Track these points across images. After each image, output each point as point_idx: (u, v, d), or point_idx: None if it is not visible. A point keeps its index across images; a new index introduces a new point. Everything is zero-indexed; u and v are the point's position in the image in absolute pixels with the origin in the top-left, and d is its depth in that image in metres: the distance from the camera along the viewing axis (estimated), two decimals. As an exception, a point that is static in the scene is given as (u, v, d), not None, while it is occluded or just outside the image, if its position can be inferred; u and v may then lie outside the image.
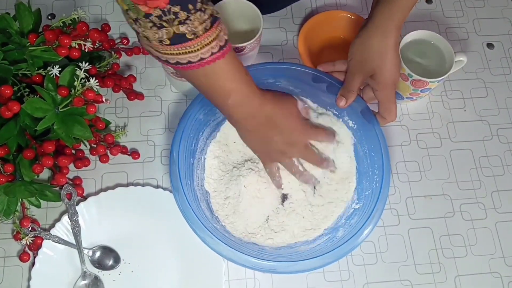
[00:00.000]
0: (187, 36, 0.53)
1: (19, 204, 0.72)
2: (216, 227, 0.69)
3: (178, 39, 0.53)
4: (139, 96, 0.83)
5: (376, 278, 0.73)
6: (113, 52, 0.82)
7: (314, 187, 0.74)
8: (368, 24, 0.69)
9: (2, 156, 0.69)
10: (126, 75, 0.83)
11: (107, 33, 0.79)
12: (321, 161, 0.73)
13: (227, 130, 0.77)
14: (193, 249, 0.69)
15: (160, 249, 0.73)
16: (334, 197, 0.74)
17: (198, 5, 0.52)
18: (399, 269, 0.74)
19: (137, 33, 0.55)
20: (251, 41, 0.77)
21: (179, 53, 0.55)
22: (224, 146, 0.77)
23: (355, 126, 0.75)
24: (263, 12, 0.80)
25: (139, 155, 0.79)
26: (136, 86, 0.84)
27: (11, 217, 0.71)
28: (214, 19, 0.55)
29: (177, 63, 0.56)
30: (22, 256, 0.71)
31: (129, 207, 0.74)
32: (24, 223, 0.71)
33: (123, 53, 0.84)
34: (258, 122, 0.66)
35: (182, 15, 0.51)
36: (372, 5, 0.72)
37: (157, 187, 0.76)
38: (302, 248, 0.70)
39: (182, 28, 0.52)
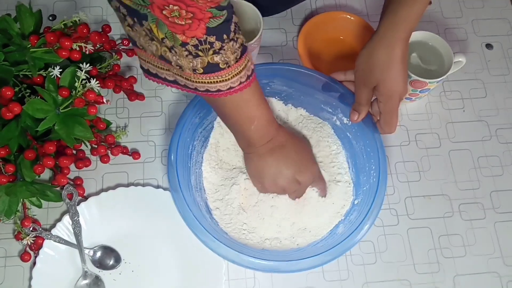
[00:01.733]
0: (220, 65, 0.54)
1: (20, 204, 0.73)
2: (216, 230, 0.69)
3: (211, 68, 0.54)
4: (140, 96, 0.83)
5: (375, 277, 0.73)
6: (114, 53, 0.82)
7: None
8: (374, 35, 0.68)
9: (3, 156, 0.70)
10: (127, 76, 0.84)
11: (108, 34, 0.80)
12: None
13: (217, 136, 0.77)
14: (194, 249, 0.69)
15: (160, 249, 0.73)
16: (340, 197, 0.75)
17: (231, 34, 0.53)
18: (398, 268, 0.74)
19: (168, 62, 0.55)
20: (251, 42, 0.78)
21: (210, 82, 0.55)
22: (216, 153, 0.77)
23: (349, 122, 0.75)
24: (263, 15, 0.80)
25: (139, 155, 0.79)
26: (137, 87, 0.84)
27: (12, 217, 0.72)
28: (244, 49, 0.56)
29: (207, 90, 0.57)
30: (23, 256, 0.71)
31: (130, 207, 0.75)
32: (25, 223, 0.72)
33: (124, 54, 0.84)
34: (273, 147, 0.66)
35: (217, 44, 0.52)
36: (381, 16, 0.70)
37: (158, 187, 0.77)
38: (303, 246, 0.71)
39: (216, 58, 0.53)
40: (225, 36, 0.52)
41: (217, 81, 0.56)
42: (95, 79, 0.70)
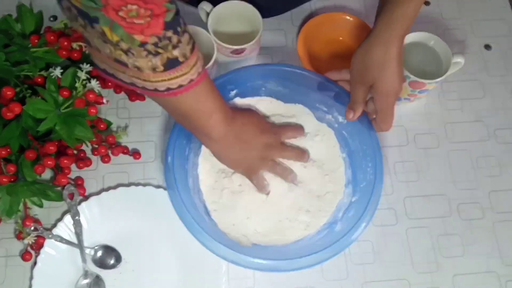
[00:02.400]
0: (179, 59, 0.53)
1: (21, 204, 0.73)
2: (215, 230, 0.70)
3: (171, 63, 0.53)
4: (140, 97, 0.83)
5: (374, 277, 0.74)
6: (114, 54, 0.82)
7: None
8: (370, 34, 0.68)
9: (4, 156, 0.70)
10: (127, 76, 0.84)
11: (108, 34, 0.80)
12: (302, 153, 0.76)
13: None
14: (194, 248, 0.69)
15: (160, 248, 0.73)
16: (330, 188, 0.76)
17: (183, 26, 0.53)
18: (397, 268, 0.74)
19: (124, 65, 0.52)
20: (250, 43, 0.78)
21: (171, 77, 0.54)
22: (210, 155, 0.77)
23: (345, 121, 0.76)
24: (263, 16, 0.80)
25: (140, 155, 0.80)
26: (137, 87, 0.84)
27: (13, 217, 0.72)
28: (193, 40, 0.55)
29: (168, 89, 0.55)
30: (24, 255, 0.71)
31: (130, 207, 0.75)
32: (27, 222, 0.72)
33: (124, 55, 0.84)
34: (234, 135, 0.68)
35: (175, 38, 0.51)
36: (376, 15, 0.71)
37: (158, 187, 0.77)
38: (302, 244, 0.72)
39: (175, 52, 0.52)
40: (179, 29, 0.52)
41: (178, 76, 0.54)
42: (95, 79, 0.70)
